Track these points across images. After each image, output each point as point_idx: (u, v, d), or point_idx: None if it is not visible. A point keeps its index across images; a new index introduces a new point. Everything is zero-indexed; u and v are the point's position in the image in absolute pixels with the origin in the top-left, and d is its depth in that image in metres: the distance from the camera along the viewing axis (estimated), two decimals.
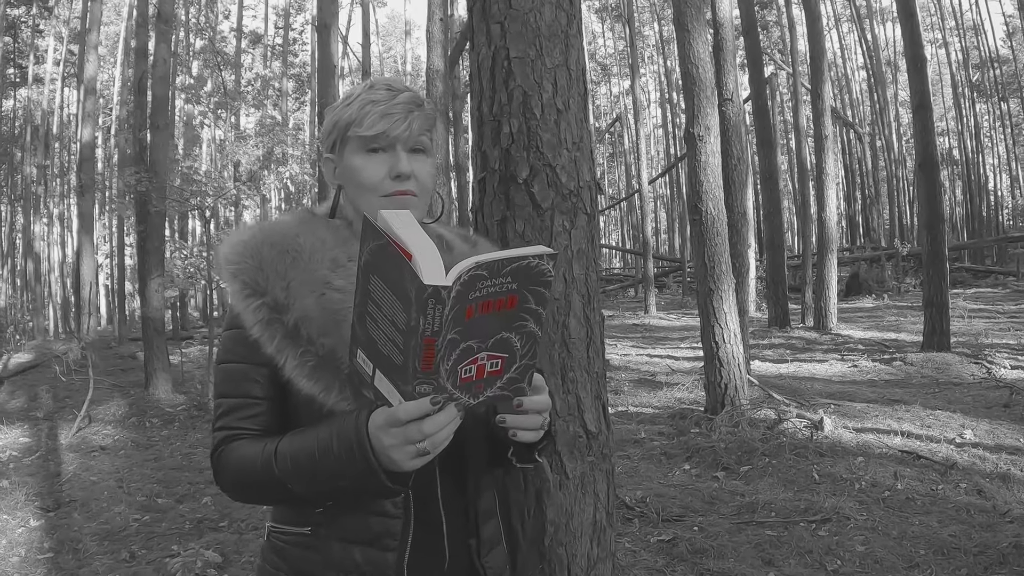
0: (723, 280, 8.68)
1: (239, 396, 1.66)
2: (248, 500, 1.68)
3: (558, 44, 2.22)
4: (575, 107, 2.23)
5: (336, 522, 1.63)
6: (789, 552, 5.03)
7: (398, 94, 1.71)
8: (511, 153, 2.18)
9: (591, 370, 2.22)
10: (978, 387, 10.89)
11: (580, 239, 2.21)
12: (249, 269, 1.66)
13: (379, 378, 1.35)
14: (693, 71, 8.84)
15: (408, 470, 1.40)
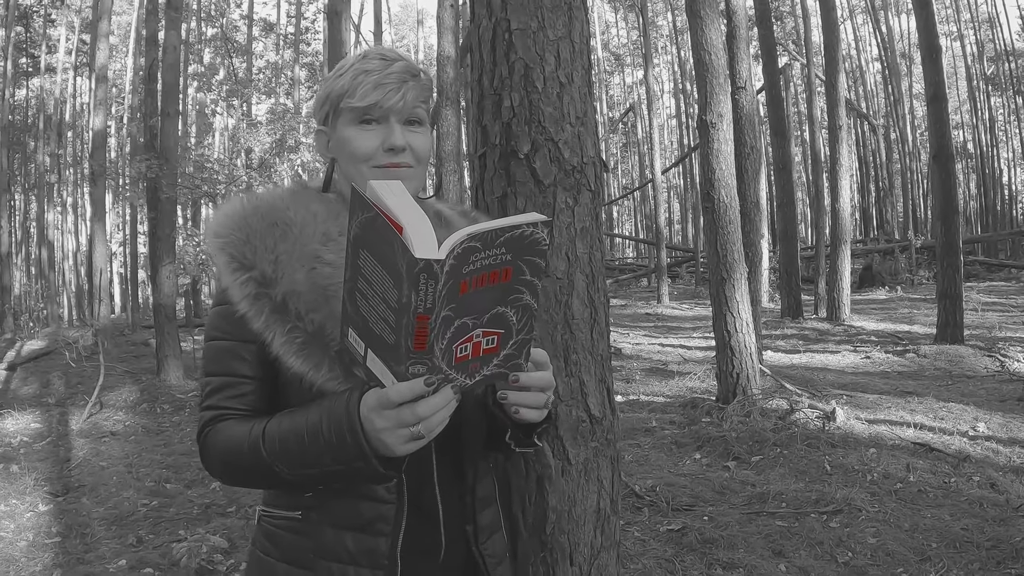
0: (736, 269, 8.61)
1: (226, 375, 1.59)
2: (236, 483, 1.61)
3: (561, 15, 2.13)
4: (579, 80, 2.17)
5: (327, 507, 1.57)
6: (800, 543, 4.98)
7: (392, 63, 1.63)
8: (512, 128, 2.10)
9: (595, 352, 2.15)
10: (992, 380, 10.85)
11: (584, 216, 2.15)
12: (236, 242, 1.59)
13: (371, 358, 1.29)
14: (706, 58, 8.78)
15: (401, 455, 1.35)
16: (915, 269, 30.18)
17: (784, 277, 19.39)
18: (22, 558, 5.43)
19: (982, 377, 11.17)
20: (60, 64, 39.44)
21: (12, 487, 7.24)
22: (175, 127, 13.37)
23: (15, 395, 12.63)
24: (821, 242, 20.51)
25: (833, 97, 18.14)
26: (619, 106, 61.87)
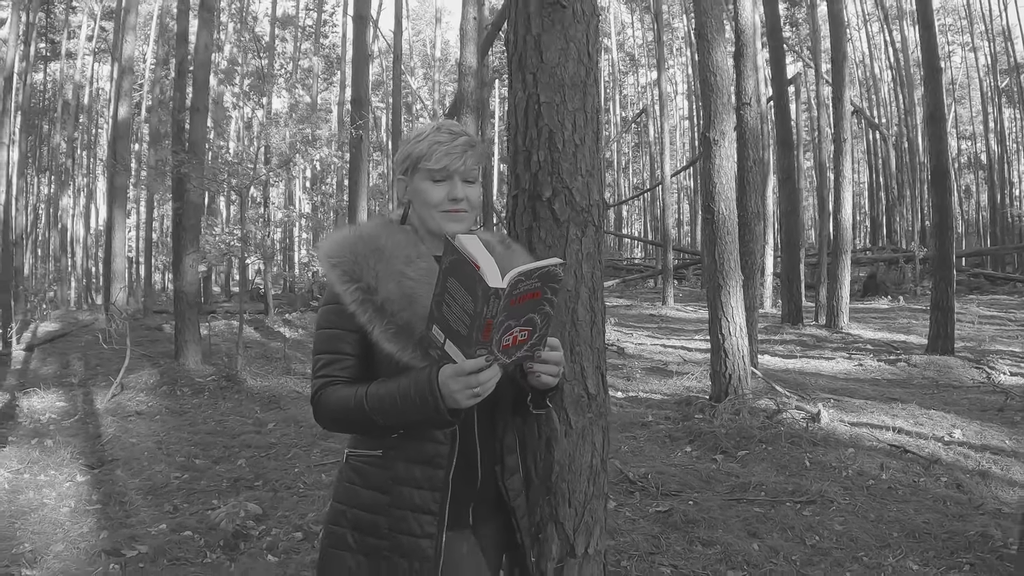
0: (731, 277, 9.16)
1: (335, 353, 2.22)
2: (340, 431, 2.24)
3: (578, 92, 2.76)
4: (589, 142, 2.76)
5: (402, 447, 2.20)
6: (773, 527, 5.53)
7: (458, 137, 2.29)
8: (538, 177, 2.74)
9: (593, 346, 2.79)
10: (976, 391, 11.32)
11: (589, 245, 2.76)
12: (346, 262, 2.23)
13: (449, 345, 1.94)
14: (711, 79, 9.32)
15: (465, 407, 1.98)
16: (919, 279, 30.39)
17: (785, 284, 19.80)
18: (66, 522, 5.93)
19: (967, 387, 11.63)
20: (81, 50, 39.81)
21: (49, 459, 7.75)
22: (204, 123, 13.80)
23: (36, 375, 13.12)
24: (823, 250, 20.89)
25: (839, 111, 18.54)
26: (633, 106, 62.14)
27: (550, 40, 2.74)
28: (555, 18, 2.74)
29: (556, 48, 2.74)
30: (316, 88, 41.64)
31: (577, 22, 2.77)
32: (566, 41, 2.75)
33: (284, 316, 21.96)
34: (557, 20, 2.74)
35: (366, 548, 2.19)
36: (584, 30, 2.79)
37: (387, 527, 2.17)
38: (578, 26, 2.78)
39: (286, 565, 4.95)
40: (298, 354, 14.99)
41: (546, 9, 2.74)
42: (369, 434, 2.24)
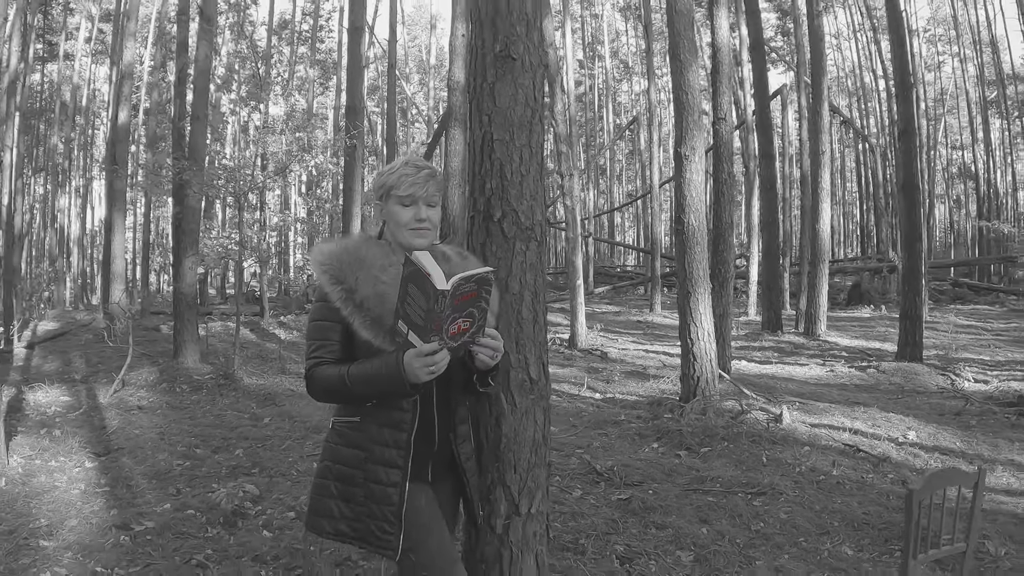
0: (699, 285, 9.73)
1: (324, 339, 2.81)
2: (327, 401, 2.84)
3: (525, 131, 3.32)
4: (534, 172, 3.32)
5: (374, 414, 2.80)
6: (723, 514, 6.07)
7: (421, 170, 2.89)
8: (491, 201, 3.31)
9: (535, 340, 3.36)
10: (939, 396, 11.92)
11: (532, 257, 3.32)
12: (334, 268, 2.82)
13: (411, 335, 2.53)
14: (683, 98, 9.89)
15: (423, 382, 2.57)
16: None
17: (765, 292, 20.35)
18: (78, 502, 6.41)
19: (931, 393, 12.22)
20: (79, 51, 40.10)
21: (58, 447, 8.24)
22: (204, 130, 14.22)
23: (39, 371, 13.54)
24: (804, 260, 21.41)
25: (817, 124, 19.12)
26: (627, 113, 62.46)
27: (502, 87, 3.31)
28: (507, 68, 3.31)
29: (507, 94, 3.31)
30: (312, 93, 42.10)
31: (525, 72, 3.34)
32: (516, 88, 3.32)
33: (279, 318, 22.44)
34: (508, 70, 3.30)
35: (346, 495, 2.79)
36: (531, 78, 3.36)
37: (362, 478, 2.77)
38: (526, 75, 3.34)
39: (280, 539, 5.47)
40: (293, 355, 15.48)
41: (499, 61, 3.31)
42: (349, 403, 2.84)
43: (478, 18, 3.40)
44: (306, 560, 5.02)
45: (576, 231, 17.89)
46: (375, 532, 2.73)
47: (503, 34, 3.30)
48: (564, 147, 17.63)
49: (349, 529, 2.78)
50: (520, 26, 3.31)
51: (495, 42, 3.31)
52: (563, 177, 17.50)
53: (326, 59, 47.39)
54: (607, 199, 60.82)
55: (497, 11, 3.31)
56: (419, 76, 61.80)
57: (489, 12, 3.34)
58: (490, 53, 3.32)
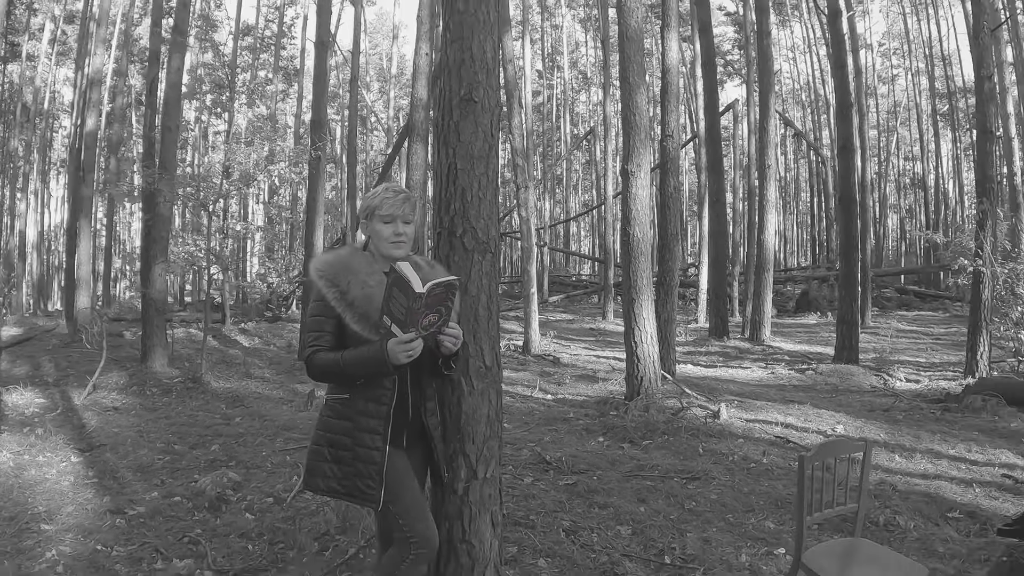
0: (643, 292, 10.48)
1: (321, 331, 3.47)
2: (323, 380, 3.50)
3: (483, 162, 4.01)
4: (489, 196, 4.01)
5: (361, 391, 3.47)
6: (660, 496, 6.77)
7: (399, 194, 3.59)
8: (454, 220, 4.01)
9: (489, 334, 4.07)
10: (871, 395, 12.72)
11: (487, 266, 4.02)
12: (329, 274, 3.51)
13: (393, 327, 3.23)
14: (631, 118, 10.63)
15: (402, 364, 3.28)
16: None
17: (713, 300, 21.13)
18: (70, 492, 6.91)
19: (864, 392, 13.01)
20: (43, 52, 39.80)
21: (44, 444, 8.69)
22: (175, 141, 14.65)
23: (9, 375, 13.75)
24: (751, 269, 22.21)
25: (764, 140, 19.94)
26: (585, 123, 63.05)
27: (465, 125, 4.00)
28: (469, 110, 4.00)
29: (469, 131, 4.00)
30: (275, 99, 42.37)
31: (484, 112, 4.03)
32: (476, 126, 4.00)
33: (240, 325, 22.82)
34: (470, 111, 3.99)
35: (336, 457, 3.48)
36: (489, 118, 4.05)
37: (350, 443, 3.45)
38: (485, 115, 4.03)
39: (262, 520, 6.08)
40: (256, 361, 15.95)
41: (463, 103, 4.00)
42: (340, 383, 3.52)
43: (447, 65, 4.09)
44: (288, 536, 5.65)
45: (531, 241, 18.53)
46: (361, 488, 3.42)
47: (467, 81, 3.99)
48: (520, 160, 18.29)
49: (339, 486, 3.47)
50: (481, 74, 4.01)
51: (460, 87, 4.01)
52: (519, 188, 18.14)
53: (287, 66, 47.58)
54: (563, 209, 61.43)
55: (463, 61, 4.00)
56: (379, 84, 61.89)
57: (456, 61, 4.03)
58: (456, 96, 4.01)
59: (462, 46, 3.99)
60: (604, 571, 5.14)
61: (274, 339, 20.12)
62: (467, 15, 3.98)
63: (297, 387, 13.27)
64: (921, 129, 51.35)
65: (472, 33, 3.97)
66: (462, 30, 3.98)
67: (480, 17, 3.99)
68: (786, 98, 63.02)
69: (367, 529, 5.62)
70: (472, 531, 3.93)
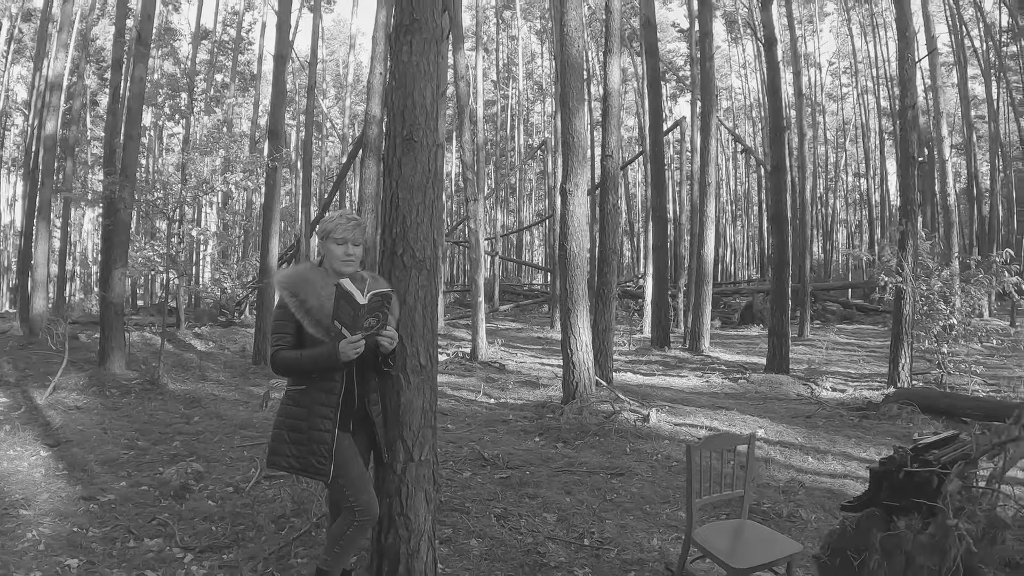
0: (579, 303, 11.22)
1: (283, 333, 4.15)
2: (285, 375, 4.18)
3: (421, 192, 4.69)
4: (426, 221, 4.69)
5: (315, 383, 4.14)
6: (585, 488, 7.49)
7: (352, 220, 4.27)
8: (395, 242, 4.68)
9: (424, 338, 4.73)
10: (797, 402, 13.42)
11: (423, 280, 4.69)
12: (291, 286, 4.19)
13: (343, 330, 3.96)
14: (570, 140, 11.38)
15: (350, 359, 4.04)
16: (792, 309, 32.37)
17: (655, 311, 21.85)
18: (43, 482, 7.44)
19: (790, 400, 13.74)
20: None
21: (13, 439, 9.15)
22: (136, 148, 15.07)
23: None
24: (692, 282, 22.85)
25: (705, 158, 20.75)
26: (539, 133, 63.37)
27: (406, 161, 4.68)
28: (409, 148, 4.68)
29: (410, 166, 4.68)
30: (232, 105, 42.46)
31: (423, 150, 4.72)
32: (416, 162, 4.68)
33: (194, 330, 23.10)
34: (411, 149, 4.68)
35: (294, 439, 4.16)
36: (427, 155, 4.73)
37: (306, 427, 4.13)
38: (424, 153, 4.72)
39: (223, 506, 6.71)
40: (212, 364, 16.39)
41: (405, 143, 4.69)
42: (299, 376, 4.19)
43: (391, 109, 4.77)
44: (247, 519, 6.29)
45: (479, 252, 19.18)
46: (314, 464, 4.11)
47: (408, 123, 4.68)
48: (470, 174, 18.97)
49: (296, 463, 4.16)
50: (421, 117, 4.69)
51: (403, 128, 4.69)
52: (468, 201, 18.80)
53: (244, 71, 47.66)
54: (516, 218, 62.01)
55: (406, 106, 4.69)
56: (335, 91, 62.00)
57: (400, 106, 4.72)
58: (399, 136, 4.69)
59: (405, 92, 4.68)
60: (529, 550, 5.83)
61: (228, 344, 20.50)
62: (410, 66, 4.67)
63: (252, 389, 13.77)
64: (867, 147, 52.65)
65: (414, 82, 4.66)
66: (405, 79, 4.67)
67: (421, 68, 4.68)
68: (737, 113, 64.29)
69: (318, 511, 6.26)
70: (409, 506, 4.61)
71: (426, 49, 4.69)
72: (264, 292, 16.85)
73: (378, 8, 16.45)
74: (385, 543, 4.67)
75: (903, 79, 14.23)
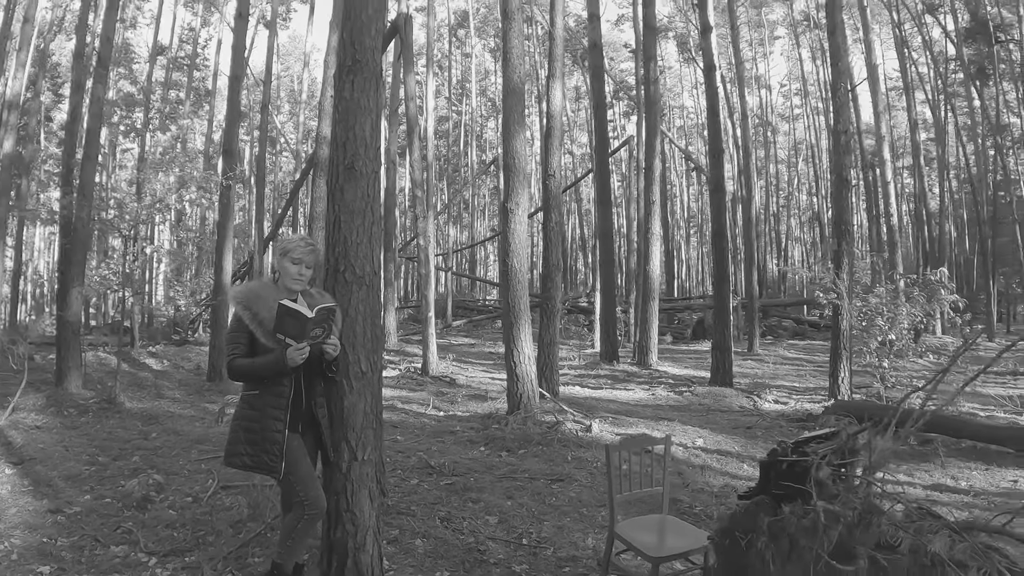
0: (521, 317, 11.70)
1: (238, 343, 4.59)
2: (240, 380, 4.62)
3: (360, 215, 5.16)
4: (366, 241, 5.16)
5: (267, 387, 4.60)
6: (526, 493, 7.96)
7: (308, 244, 4.76)
8: (338, 259, 5.15)
9: (365, 346, 5.19)
10: (738, 414, 13.89)
11: (363, 295, 5.16)
12: (246, 300, 4.66)
13: (289, 339, 4.43)
14: (512, 162, 11.90)
15: (297, 365, 4.61)
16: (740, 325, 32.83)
17: (603, 326, 22.27)
18: (10, 497, 7.72)
19: (733, 412, 14.20)
20: None
21: None
22: (94, 168, 15.30)
23: None
24: (639, 297, 23.15)
25: (649, 177, 21.25)
26: (493, 149, 63.77)
27: (348, 187, 5.15)
28: (350, 176, 5.16)
29: (350, 192, 5.15)
30: (187, 120, 42.37)
31: (362, 178, 5.20)
32: (356, 188, 5.16)
33: (149, 348, 23.08)
34: (351, 177, 5.15)
35: (249, 440, 4.60)
36: (366, 182, 5.21)
37: (259, 428, 4.57)
38: (363, 180, 5.19)
39: (183, 515, 7.08)
40: (167, 383, 16.56)
41: (346, 170, 5.17)
42: (252, 382, 4.63)
43: (335, 140, 5.24)
44: (207, 525, 6.68)
45: (429, 268, 19.62)
46: (267, 462, 4.56)
47: (350, 153, 5.15)
48: (419, 192, 19.46)
49: (251, 461, 4.60)
50: (361, 148, 5.17)
51: (345, 158, 5.16)
52: (418, 218, 19.23)
53: (199, 86, 47.56)
54: (469, 234, 62.34)
55: (348, 139, 5.17)
56: (289, 106, 61.90)
57: (342, 138, 5.19)
58: (341, 165, 5.16)
59: (347, 126, 5.16)
60: (470, 549, 6.28)
61: (183, 362, 20.60)
62: (352, 102, 5.15)
63: (207, 406, 14.02)
64: (818, 167, 53.64)
65: (355, 117, 5.14)
66: (348, 114, 5.15)
67: (362, 104, 5.16)
68: (690, 131, 65.21)
69: (271, 515, 6.66)
70: (354, 503, 5.05)
71: (366, 87, 5.17)
72: (218, 310, 17.05)
73: (330, 33, 16.87)
74: (334, 537, 5.11)
75: (836, 106, 14.82)
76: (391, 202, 26.96)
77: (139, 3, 43.10)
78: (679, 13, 48.23)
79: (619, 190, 53.39)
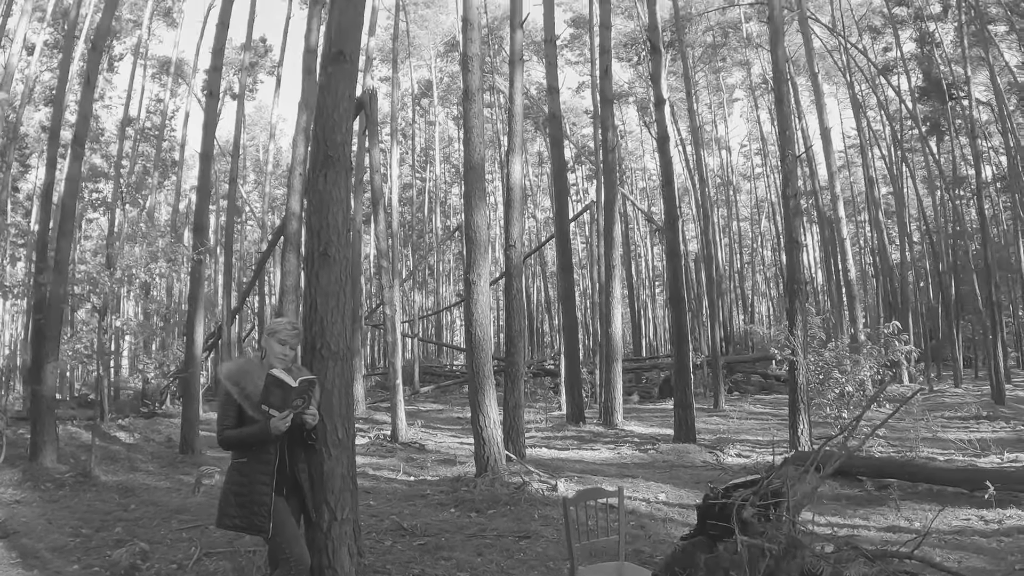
0: (485, 382, 12.23)
1: (227, 415, 5.09)
2: (231, 449, 5.09)
3: (334, 297, 5.68)
4: (340, 321, 5.67)
5: (255, 455, 5.05)
6: (495, 549, 8.42)
7: (294, 328, 5.25)
8: (315, 337, 5.68)
9: (341, 415, 5.70)
10: (702, 469, 14.39)
11: (338, 369, 5.68)
12: (233, 377, 5.11)
13: (273, 410, 4.91)
14: (472, 235, 12.51)
15: (281, 433, 5.05)
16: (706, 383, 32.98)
17: (568, 389, 22.68)
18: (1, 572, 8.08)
19: (696, 467, 14.69)
20: None
21: None
22: (69, 245, 15.60)
23: None
24: (602, 359, 23.58)
25: (609, 242, 21.87)
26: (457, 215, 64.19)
27: (323, 272, 5.68)
28: (324, 262, 5.69)
29: (325, 276, 5.68)
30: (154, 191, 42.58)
31: (335, 264, 5.74)
32: (329, 274, 5.69)
33: (118, 421, 23.10)
34: (326, 263, 5.68)
35: (239, 502, 5.03)
36: (339, 268, 5.74)
37: (248, 492, 5.02)
38: (336, 266, 5.73)
39: None
40: (139, 456, 16.74)
41: (320, 256, 5.71)
42: (241, 450, 5.08)
43: (310, 228, 5.77)
44: None
45: (396, 336, 20.08)
46: (256, 522, 5.01)
47: (324, 241, 5.68)
48: (385, 262, 20.04)
49: (241, 522, 5.04)
50: (334, 236, 5.71)
51: (319, 245, 5.70)
52: (384, 288, 19.74)
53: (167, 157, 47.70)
54: (435, 299, 62.66)
55: (321, 227, 5.71)
56: (255, 176, 62.25)
57: (316, 227, 5.73)
58: (316, 251, 5.70)
59: (321, 216, 5.70)
60: None
61: (153, 434, 20.59)
62: (325, 194, 5.71)
63: (182, 477, 14.22)
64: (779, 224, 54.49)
65: (328, 208, 5.69)
66: (321, 205, 5.70)
67: (334, 195, 5.72)
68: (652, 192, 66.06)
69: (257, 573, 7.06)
70: (335, 560, 5.53)
71: (338, 180, 5.73)
72: (189, 382, 17.34)
73: (299, 113, 17.44)
74: None
75: (785, 172, 15.47)
76: (356, 271, 27.35)
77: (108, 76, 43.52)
78: (639, 79, 49.38)
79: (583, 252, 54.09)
